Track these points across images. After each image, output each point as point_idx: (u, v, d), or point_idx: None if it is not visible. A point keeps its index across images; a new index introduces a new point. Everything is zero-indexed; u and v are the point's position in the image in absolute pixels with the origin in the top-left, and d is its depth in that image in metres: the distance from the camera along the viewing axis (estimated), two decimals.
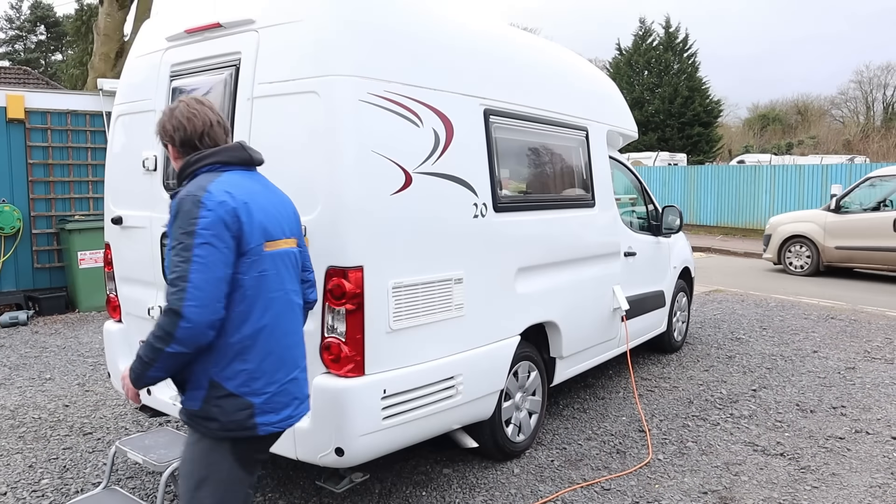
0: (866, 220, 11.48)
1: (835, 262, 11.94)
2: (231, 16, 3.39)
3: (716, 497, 3.87)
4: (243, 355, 2.22)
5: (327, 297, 3.09)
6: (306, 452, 3.19)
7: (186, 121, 2.35)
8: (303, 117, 3.11)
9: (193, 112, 2.35)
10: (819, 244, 12.00)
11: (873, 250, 11.30)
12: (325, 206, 3.04)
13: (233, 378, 2.20)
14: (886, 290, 10.89)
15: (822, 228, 11.97)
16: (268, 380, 2.26)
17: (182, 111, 2.36)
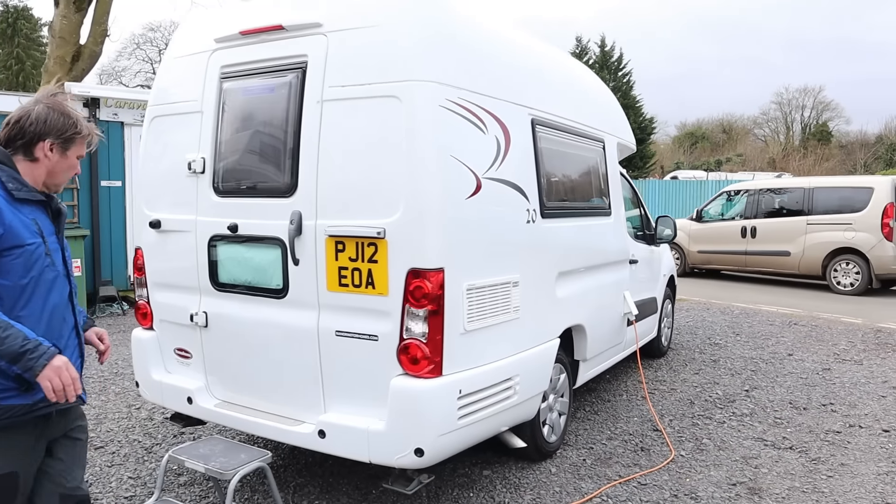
0: (720, 227, 13.46)
1: (697, 264, 13.92)
2: (295, 19, 3.40)
3: (744, 488, 4.08)
4: None
5: (408, 298, 3.12)
6: (381, 455, 3.20)
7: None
8: (381, 121, 3.15)
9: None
10: (685, 248, 13.89)
11: (726, 253, 13.33)
12: (407, 209, 3.08)
13: None
14: (735, 287, 12.87)
15: (688, 235, 13.77)
16: None
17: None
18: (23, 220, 2.18)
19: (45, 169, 2.30)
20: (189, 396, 3.83)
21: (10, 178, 2.21)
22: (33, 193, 2.25)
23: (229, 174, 3.67)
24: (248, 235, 3.54)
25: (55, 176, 2.33)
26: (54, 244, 2.29)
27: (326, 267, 3.30)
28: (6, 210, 2.14)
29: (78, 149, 2.35)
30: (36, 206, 2.27)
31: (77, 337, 2.35)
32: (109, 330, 8.24)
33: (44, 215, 2.30)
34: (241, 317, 3.63)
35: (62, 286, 2.29)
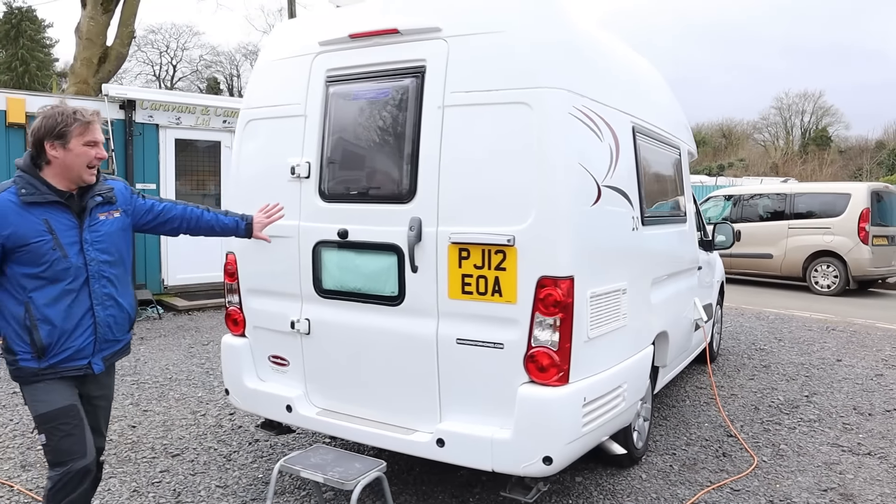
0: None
1: None
2: (412, 23, 3.38)
3: (836, 494, 4.09)
4: None
5: (538, 306, 3.10)
6: (505, 463, 3.18)
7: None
8: (509, 128, 3.13)
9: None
10: None
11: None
12: (538, 216, 3.07)
13: None
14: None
15: None
16: None
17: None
18: (31, 220, 2.61)
19: (60, 166, 2.66)
20: (288, 404, 3.79)
21: (24, 184, 2.64)
22: (44, 196, 2.64)
23: (337, 179, 3.64)
24: (359, 242, 3.51)
25: (71, 169, 2.67)
26: (71, 239, 2.68)
27: (448, 274, 3.28)
28: (11, 214, 2.58)
29: (78, 138, 2.64)
30: (49, 207, 2.65)
31: (91, 317, 2.75)
32: (148, 335, 8.18)
33: (60, 213, 2.68)
34: (349, 324, 3.60)
35: (76, 275, 2.69)
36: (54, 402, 2.69)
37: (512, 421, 3.18)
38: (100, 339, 2.80)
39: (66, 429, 2.70)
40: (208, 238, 3.68)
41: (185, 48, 45.62)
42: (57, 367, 2.70)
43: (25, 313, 2.64)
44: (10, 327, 2.67)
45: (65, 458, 2.69)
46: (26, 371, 2.69)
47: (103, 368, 2.86)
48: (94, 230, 2.77)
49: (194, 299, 9.76)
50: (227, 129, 10.20)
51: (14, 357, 2.68)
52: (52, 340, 2.67)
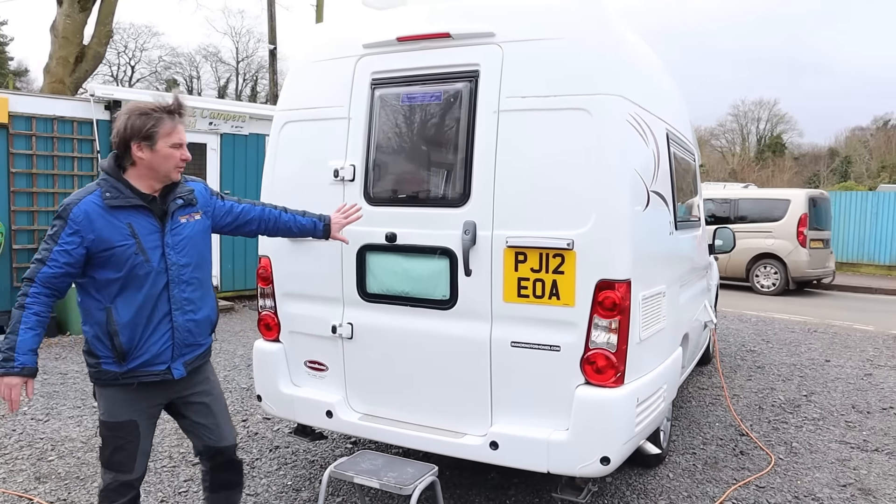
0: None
1: None
2: (464, 28, 3.39)
3: (856, 489, 4.24)
4: None
5: (596, 309, 3.15)
6: (562, 464, 3.21)
7: None
8: (567, 133, 3.17)
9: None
10: None
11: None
12: (598, 220, 3.11)
13: None
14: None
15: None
16: None
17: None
18: (115, 225, 2.59)
19: (146, 167, 2.63)
20: (329, 410, 3.74)
21: (109, 188, 2.62)
22: (129, 200, 2.62)
23: (385, 182, 3.63)
24: (409, 245, 3.50)
25: (156, 170, 2.65)
26: (153, 243, 2.66)
27: (504, 278, 3.29)
28: (97, 219, 2.56)
29: (165, 139, 2.62)
30: (133, 210, 2.63)
31: (170, 322, 2.74)
32: None
33: (144, 217, 2.66)
34: (395, 328, 3.58)
35: (156, 279, 2.67)
36: (118, 415, 2.73)
37: (567, 422, 3.22)
38: (178, 344, 2.78)
39: (120, 443, 2.73)
40: None
41: (143, 48, 44.53)
42: (136, 371, 2.70)
43: (107, 318, 2.63)
44: (92, 331, 2.68)
45: (113, 467, 2.75)
46: (108, 374, 2.70)
47: (184, 374, 2.82)
48: (175, 234, 2.74)
49: None
50: (213, 131, 10.03)
51: (97, 360, 2.69)
52: (131, 345, 2.67)
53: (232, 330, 8.64)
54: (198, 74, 47.22)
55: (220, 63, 46.73)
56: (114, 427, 2.72)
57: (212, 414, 2.97)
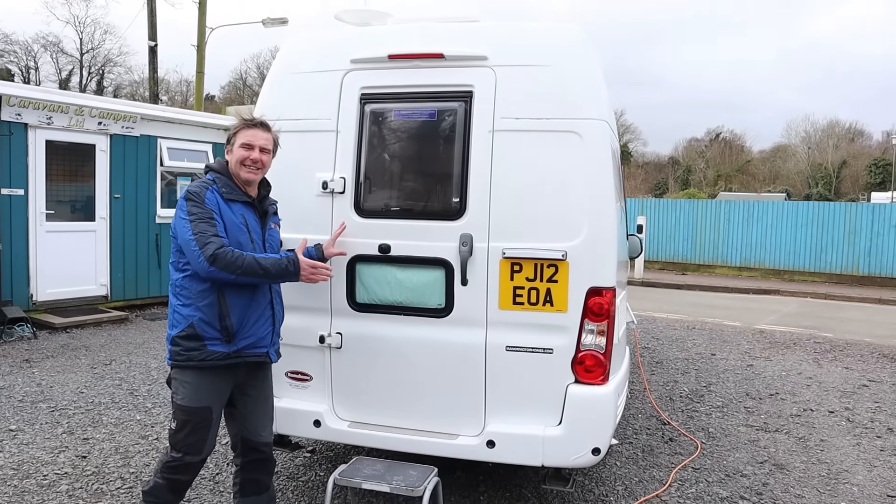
0: None
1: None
2: (458, 50, 3.57)
3: (771, 465, 4.89)
4: None
5: (587, 314, 3.44)
6: (556, 457, 3.48)
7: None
8: (559, 153, 3.44)
9: None
10: None
11: None
12: (589, 234, 3.41)
13: None
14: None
15: None
16: None
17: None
18: (233, 213, 3.03)
19: (231, 167, 3.12)
20: (317, 419, 3.77)
21: (224, 185, 3.07)
22: (240, 196, 3.09)
23: (376, 195, 3.72)
24: (403, 256, 3.62)
25: (235, 170, 3.11)
26: (258, 235, 3.11)
27: (500, 287, 3.51)
28: (223, 206, 3.00)
29: (239, 139, 3.11)
30: (243, 205, 3.10)
31: (271, 309, 3.13)
32: (32, 357, 7.36)
33: (251, 213, 3.13)
34: (387, 337, 3.69)
35: None
36: (199, 400, 2.97)
37: (557, 418, 3.49)
38: (276, 332, 3.17)
39: (196, 426, 2.99)
40: (81, 249, 3.94)
41: None
42: (242, 351, 3.00)
43: (219, 300, 2.92)
44: (199, 314, 2.92)
45: (184, 449, 2.99)
46: (214, 355, 2.94)
47: (277, 360, 3.24)
48: (270, 233, 3.21)
49: (69, 315, 8.84)
50: (103, 131, 9.38)
51: (202, 342, 2.92)
52: (240, 326, 2.97)
53: (134, 342, 8.15)
54: (36, 65, 43.10)
55: (62, 54, 42.92)
56: (193, 412, 2.97)
57: (257, 409, 3.22)
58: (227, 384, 3.07)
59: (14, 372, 6.82)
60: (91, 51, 42.76)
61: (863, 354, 8.75)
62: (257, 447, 3.24)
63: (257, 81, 49.10)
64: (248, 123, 3.15)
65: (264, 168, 3.18)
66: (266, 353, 3.13)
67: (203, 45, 14.73)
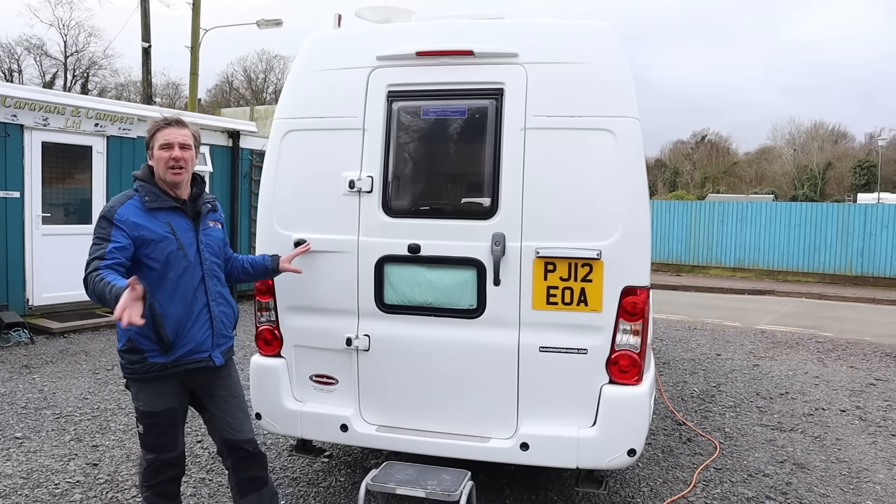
0: None
1: None
2: (488, 47, 3.52)
3: (791, 464, 4.87)
4: None
5: (621, 314, 3.40)
6: (591, 459, 3.43)
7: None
8: (594, 151, 3.41)
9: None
10: None
11: None
12: (624, 233, 3.37)
13: None
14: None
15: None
16: None
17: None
18: (156, 223, 2.90)
19: (156, 171, 2.99)
20: (344, 424, 3.70)
21: (147, 193, 2.96)
22: (165, 202, 2.96)
23: (405, 194, 3.66)
24: (434, 256, 3.56)
25: (160, 174, 2.97)
26: (189, 240, 2.98)
27: (533, 286, 3.46)
28: (139, 219, 2.87)
29: (157, 142, 2.97)
30: (169, 211, 2.97)
31: (208, 312, 3.02)
32: (31, 363, 7.21)
33: (179, 217, 2.99)
34: (416, 338, 3.62)
35: (193, 272, 2.97)
36: (156, 404, 2.98)
37: (590, 419, 3.45)
38: (216, 334, 3.06)
39: (162, 428, 3.01)
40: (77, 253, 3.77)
41: None
42: (181, 360, 2.94)
43: (151, 313, 2.79)
44: (135, 328, 2.76)
45: (157, 449, 3.02)
46: (154, 366, 2.91)
47: (223, 362, 3.10)
48: (206, 234, 3.09)
49: (66, 320, 8.68)
50: (100, 132, 9.23)
51: (142, 356, 2.89)
52: (176, 335, 2.90)
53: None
54: (19, 68, 42.48)
55: (46, 56, 42.33)
56: (155, 416, 2.98)
57: (230, 408, 3.16)
58: (183, 386, 3.04)
59: (14, 378, 6.66)
60: (75, 53, 42.26)
61: (865, 353, 8.80)
62: (240, 445, 3.16)
63: (244, 84, 48.76)
64: (162, 123, 3.00)
65: (188, 166, 3.02)
66: (208, 357, 3.01)
67: (197, 46, 14.53)
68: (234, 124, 11.15)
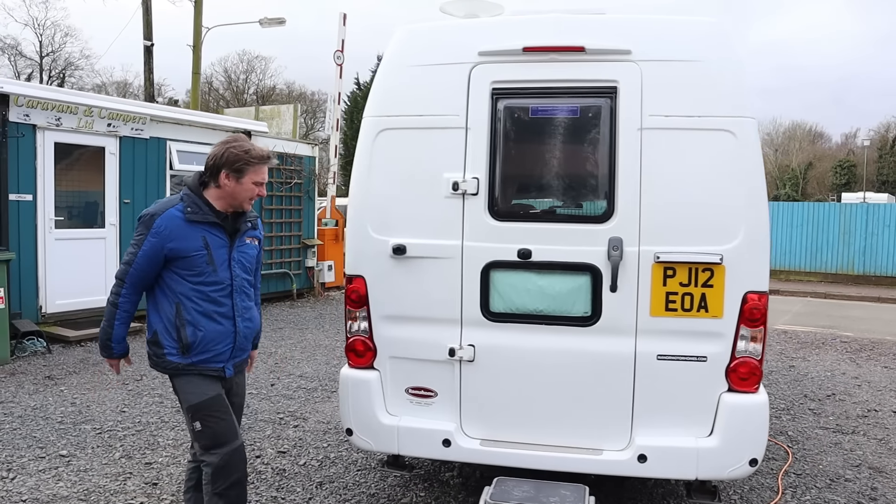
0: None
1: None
2: (600, 43, 3.38)
3: (866, 468, 4.82)
4: None
5: (743, 320, 3.29)
6: (711, 470, 3.32)
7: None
8: (713, 152, 3.28)
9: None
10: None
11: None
12: (747, 236, 3.26)
13: None
14: None
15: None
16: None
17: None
18: (192, 236, 2.97)
19: (227, 192, 3.02)
20: (446, 439, 3.52)
21: (190, 203, 3.00)
22: (206, 216, 3.00)
23: (513, 197, 3.51)
24: (546, 262, 3.40)
25: (235, 198, 3.04)
26: (222, 256, 3.03)
27: (651, 292, 3.33)
28: (177, 229, 2.94)
29: (252, 175, 3.01)
30: (208, 226, 3.01)
31: (233, 327, 3.07)
32: (53, 374, 6.91)
33: (216, 232, 3.03)
34: (526, 347, 3.47)
35: (222, 287, 3.03)
36: (206, 392, 3.00)
37: (707, 429, 3.33)
38: (236, 348, 3.12)
39: (219, 415, 3.01)
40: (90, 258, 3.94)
41: None
42: (198, 365, 3.01)
43: (176, 313, 2.95)
44: (161, 323, 2.99)
45: (222, 440, 2.99)
46: (171, 365, 3.00)
47: (233, 374, 3.18)
48: (241, 251, 3.13)
49: (81, 328, 8.34)
50: (112, 133, 8.90)
51: (161, 350, 2.99)
52: (195, 340, 2.97)
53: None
54: None
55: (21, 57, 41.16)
56: (207, 405, 2.99)
57: (233, 407, 3.20)
58: (217, 381, 3.09)
59: (40, 390, 6.36)
60: (52, 53, 41.19)
61: (893, 353, 8.85)
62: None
63: (224, 85, 47.96)
64: (264, 160, 3.06)
65: None
66: (222, 369, 3.08)
67: (199, 44, 14.13)
68: (246, 124, 10.88)
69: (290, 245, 12.22)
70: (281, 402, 6.17)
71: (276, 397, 6.31)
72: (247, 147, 3.02)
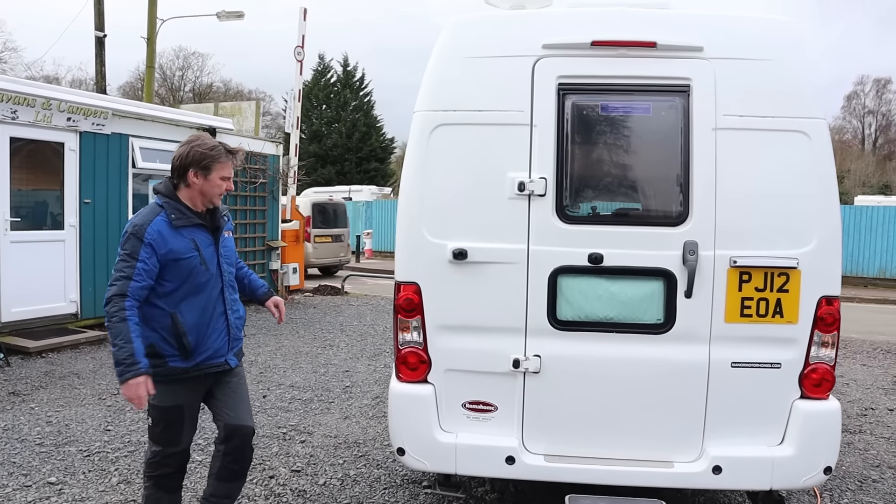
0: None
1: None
2: (673, 39, 3.25)
3: (887, 468, 4.88)
4: None
5: (818, 325, 3.22)
6: (786, 479, 3.25)
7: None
8: (787, 154, 3.20)
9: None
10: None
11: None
12: (821, 240, 3.19)
13: None
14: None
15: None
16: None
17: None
18: (182, 240, 3.04)
19: (196, 190, 3.08)
20: (510, 455, 3.32)
21: (173, 210, 3.06)
22: (191, 219, 3.08)
23: (583, 199, 3.35)
24: (618, 267, 3.24)
25: (206, 195, 3.10)
26: (210, 254, 3.13)
27: (727, 298, 3.22)
28: (168, 235, 3.00)
29: (219, 171, 3.07)
30: (194, 227, 3.10)
31: (225, 320, 3.19)
32: (18, 389, 6.34)
33: (202, 232, 3.12)
34: (595, 356, 3.30)
35: (214, 284, 3.14)
36: (165, 400, 3.07)
37: (778, 437, 3.27)
38: (231, 338, 3.23)
39: (168, 423, 3.12)
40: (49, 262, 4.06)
41: None
42: (201, 365, 3.10)
43: (173, 322, 3.00)
44: (156, 335, 3.01)
45: (163, 442, 3.13)
46: (176, 370, 3.05)
47: (238, 362, 3.29)
48: (224, 246, 3.22)
49: (40, 338, 7.71)
50: (72, 128, 8.27)
51: (163, 360, 3.02)
52: (197, 343, 3.06)
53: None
54: None
55: None
56: (165, 411, 3.10)
57: (235, 395, 3.26)
58: (200, 386, 3.18)
59: (7, 408, 5.79)
60: None
61: (867, 351, 9.15)
62: (239, 432, 3.20)
63: (159, 81, 46.11)
64: (229, 155, 3.11)
65: None
66: (224, 362, 3.19)
67: (154, 37, 13.32)
68: (211, 121, 10.34)
69: (255, 247, 11.72)
70: (279, 415, 5.81)
71: (272, 410, 5.94)
72: (211, 144, 3.08)
